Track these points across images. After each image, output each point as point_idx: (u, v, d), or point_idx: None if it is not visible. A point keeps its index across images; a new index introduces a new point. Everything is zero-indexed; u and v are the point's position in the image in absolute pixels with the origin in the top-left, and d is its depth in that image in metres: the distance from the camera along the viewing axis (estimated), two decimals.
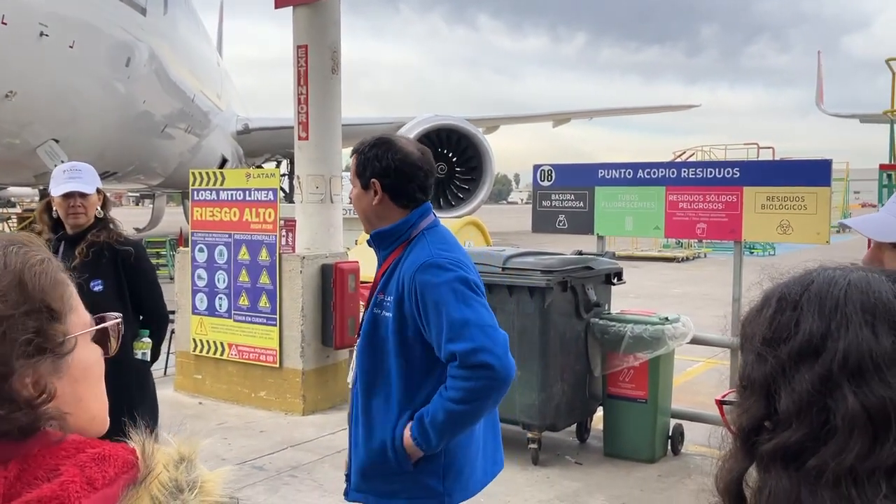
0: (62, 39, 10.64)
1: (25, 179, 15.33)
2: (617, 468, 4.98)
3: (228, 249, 6.52)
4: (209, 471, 0.86)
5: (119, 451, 0.82)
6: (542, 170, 6.24)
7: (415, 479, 2.20)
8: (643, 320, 5.01)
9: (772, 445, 0.72)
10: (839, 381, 0.70)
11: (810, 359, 0.72)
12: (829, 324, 0.72)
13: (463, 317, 2.07)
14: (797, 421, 0.71)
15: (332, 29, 6.86)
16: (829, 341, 0.72)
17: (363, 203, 2.26)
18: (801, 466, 0.70)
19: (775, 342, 0.75)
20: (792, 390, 0.72)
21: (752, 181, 5.30)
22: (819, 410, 0.70)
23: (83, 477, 0.78)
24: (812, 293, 0.75)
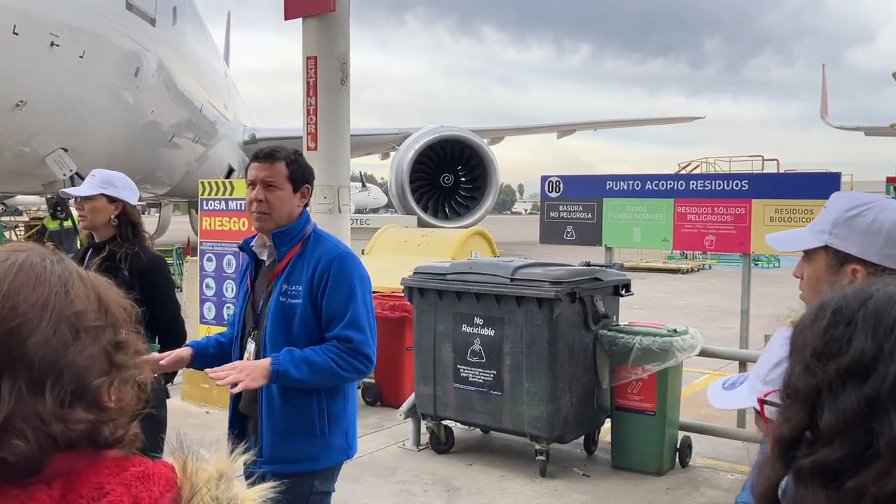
0: (72, 49, 10.71)
1: (34, 188, 15.39)
2: (625, 481, 4.97)
3: (237, 259, 6.54)
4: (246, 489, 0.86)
5: (161, 468, 0.82)
6: (550, 181, 6.25)
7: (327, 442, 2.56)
8: (652, 332, 5.01)
9: (810, 461, 0.72)
10: (886, 406, 0.69)
11: (859, 378, 0.71)
12: (882, 345, 0.71)
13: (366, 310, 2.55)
14: (839, 440, 0.70)
15: (341, 40, 6.90)
16: (880, 363, 0.71)
17: (291, 204, 2.55)
18: (840, 486, 0.70)
19: (826, 356, 0.74)
20: (837, 408, 0.71)
21: (760, 194, 5.31)
22: (863, 432, 0.69)
23: (130, 496, 0.78)
24: (869, 310, 0.74)
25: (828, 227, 1.56)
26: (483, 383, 5.12)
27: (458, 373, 5.23)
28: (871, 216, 1.51)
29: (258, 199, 2.52)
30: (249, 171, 2.57)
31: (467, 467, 5.22)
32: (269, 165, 2.53)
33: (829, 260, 1.56)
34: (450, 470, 5.15)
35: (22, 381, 0.78)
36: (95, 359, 0.84)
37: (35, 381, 0.79)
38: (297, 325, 2.50)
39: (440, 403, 5.35)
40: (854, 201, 1.55)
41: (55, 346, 0.81)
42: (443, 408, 5.36)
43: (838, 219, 1.54)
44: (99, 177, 3.36)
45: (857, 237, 1.51)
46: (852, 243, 1.52)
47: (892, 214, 1.51)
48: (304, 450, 2.53)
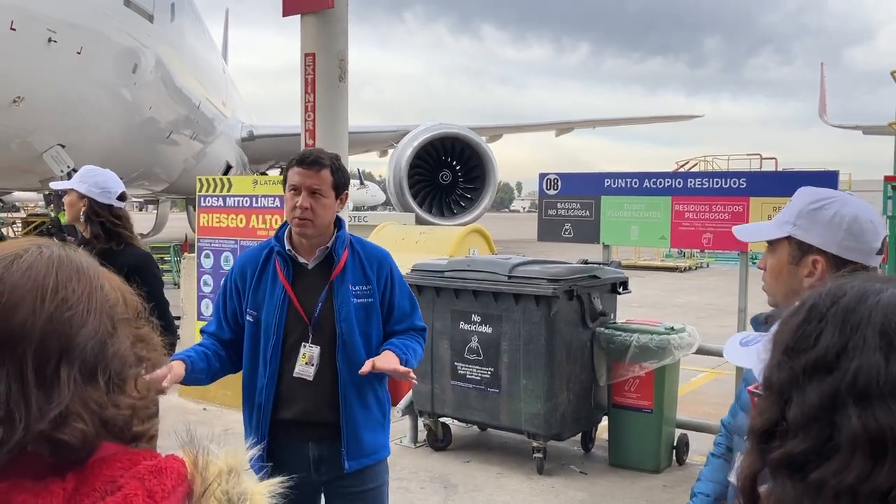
0: (70, 46, 10.68)
1: (31, 184, 15.38)
2: (622, 478, 4.97)
3: (234, 256, 6.53)
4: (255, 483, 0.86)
5: (172, 463, 0.83)
6: (548, 178, 6.25)
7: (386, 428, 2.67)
8: (649, 330, 5.01)
9: (780, 453, 0.74)
10: (846, 401, 0.71)
11: (823, 374, 0.73)
12: (847, 342, 0.73)
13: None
14: (803, 433, 0.73)
15: (339, 37, 6.89)
16: (842, 360, 0.72)
17: (333, 211, 2.55)
18: (805, 478, 0.71)
19: (796, 351, 0.76)
20: (802, 402, 0.73)
21: (758, 192, 5.31)
22: (825, 426, 0.71)
23: (144, 489, 0.78)
24: (839, 307, 0.76)
25: (791, 218, 1.61)
26: (480, 381, 5.12)
27: (455, 370, 5.23)
28: (833, 209, 1.57)
29: (304, 207, 2.46)
30: (292, 176, 2.50)
31: (465, 464, 5.22)
32: (315, 173, 2.49)
33: (792, 250, 1.61)
34: (447, 467, 5.15)
35: (76, 370, 0.81)
36: (128, 350, 0.87)
37: (88, 370, 0.82)
38: (373, 324, 2.56)
39: (438, 401, 5.36)
40: (817, 195, 1.61)
41: (102, 337, 0.84)
42: (440, 405, 5.36)
43: (802, 211, 1.60)
44: (79, 172, 3.42)
45: (819, 229, 1.57)
46: (814, 234, 1.57)
47: (852, 209, 1.57)
48: (379, 439, 2.60)
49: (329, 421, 2.51)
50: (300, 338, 2.50)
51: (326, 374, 2.50)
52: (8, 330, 0.80)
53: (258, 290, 2.55)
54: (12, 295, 0.81)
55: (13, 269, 0.83)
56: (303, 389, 2.50)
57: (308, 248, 2.54)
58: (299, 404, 2.51)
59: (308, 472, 2.51)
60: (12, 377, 0.78)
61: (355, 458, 2.52)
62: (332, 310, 2.50)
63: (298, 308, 2.51)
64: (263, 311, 2.53)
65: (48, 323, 0.81)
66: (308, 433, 2.53)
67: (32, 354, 0.79)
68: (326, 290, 2.51)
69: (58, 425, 0.78)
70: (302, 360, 2.50)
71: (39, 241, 0.90)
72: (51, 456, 0.79)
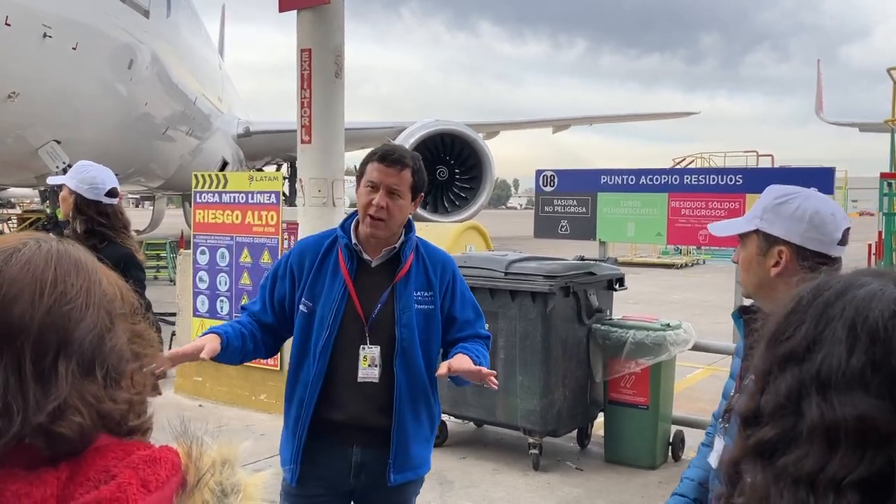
0: (65, 41, 10.65)
1: (27, 180, 15.35)
2: (618, 474, 4.98)
3: (230, 252, 6.52)
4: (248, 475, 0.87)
5: (166, 453, 0.83)
6: (544, 175, 6.25)
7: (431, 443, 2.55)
8: (645, 326, 5.02)
9: (753, 439, 0.76)
10: (810, 391, 0.73)
11: (794, 364, 0.75)
12: (821, 334, 0.75)
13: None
14: (772, 420, 0.75)
15: (336, 33, 6.87)
16: (813, 351, 0.74)
17: (407, 213, 2.44)
18: (773, 464, 0.74)
19: (776, 341, 0.79)
20: (774, 390, 0.76)
21: (754, 188, 5.31)
22: (790, 414, 0.74)
23: (138, 478, 0.79)
24: (821, 300, 0.77)
25: (759, 212, 1.73)
26: None
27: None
28: (796, 203, 1.68)
29: (380, 206, 2.33)
30: (372, 171, 2.36)
31: (460, 461, 5.22)
32: (397, 172, 2.36)
33: (760, 243, 1.72)
34: (443, 463, 5.15)
35: (74, 364, 0.81)
36: (125, 346, 0.88)
37: (86, 364, 0.82)
38: (433, 331, 2.45)
39: None
40: (783, 190, 1.73)
41: (100, 332, 0.85)
42: None
43: (768, 205, 1.71)
44: (73, 167, 3.44)
45: (783, 221, 1.68)
46: (778, 227, 1.68)
47: (814, 203, 1.69)
48: (424, 453, 2.48)
49: (379, 426, 2.38)
50: (355, 337, 2.37)
51: (381, 378, 2.38)
52: (6, 323, 0.80)
53: (317, 281, 2.41)
54: (11, 288, 0.81)
55: (12, 262, 0.83)
56: (354, 391, 2.37)
57: (374, 246, 2.41)
58: (349, 406, 2.38)
59: (346, 476, 2.40)
60: (10, 370, 0.78)
61: (401, 471, 2.40)
62: (393, 313, 2.38)
63: (357, 306, 2.37)
64: (320, 303, 2.38)
65: (46, 316, 0.81)
66: (354, 436, 2.39)
67: (31, 348, 0.80)
68: (389, 293, 2.39)
69: (55, 418, 0.78)
70: (363, 363, 2.37)
71: (37, 236, 0.90)
72: (47, 448, 0.79)
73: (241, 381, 6.41)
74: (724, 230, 1.85)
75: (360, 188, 2.37)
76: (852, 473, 0.68)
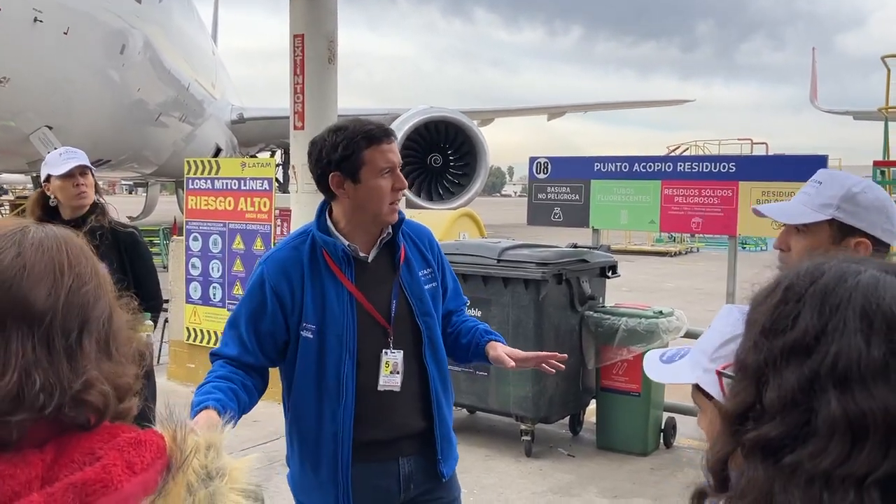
0: (56, 25, 10.57)
1: (18, 167, 15.27)
2: (609, 461, 5.00)
3: (223, 238, 6.51)
4: (234, 459, 0.87)
5: (151, 436, 0.84)
6: (538, 162, 6.24)
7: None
8: (637, 314, 5.03)
9: (753, 436, 0.73)
10: (825, 385, 0.70)
11: (801, 356, 0.72)
12: (827, 324, 0.72)
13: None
14: (780, 416, 0.72)
15: (328, 18, 6.83)
16: (822, 342, 0.71)
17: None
18: (778, 461, 0.71)
19: (773, 333, 0.75)
20: (779, 385, 0.72)
21: (747, 176, 5.31)
22: (803, 410, 0.70)
23: (123, 460, 0.80)
24: (818, 288, 0.74)
25: (834, 201, 1.64)
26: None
27: None
28: (873, 194, 1.64)
29: (403, 188, 2.13)
30: (381, 156, 2.08)
31: None
32: (396, 146, 2.15)
33: (833, 233, 1.64)
34: None
35: (94, 341, 0.86)
36: (126, 325, 0.92)
37: (103, 341, 0.87)
38: (440, 310, 2.27)
39: None
40: (854, 179, 1.67)
41: (111, 312, 0.89)
42: None
43: (845, 195, 1.63)
44: (80, 153, 3.41)
45: (865, 213, 1.61)
46: (861, 218, 1.61)
47: (883, 193, 1.66)
48: (454, 451, 2.34)
49: (420, 430, 2.20)
50: (377, 344, 2.13)
51: (413, 379, 2.16)
52: (34, 303, 0.83)
53: (314, 298, 2.09)
54: (32, 271, 0.84)
55: (25, 245, 0.86)
56: (387, 402, 2.14)
57: (367, 240, 2.16)
58: (385, 421, 2.15)
59: (396, 493, 2.19)
60: (41, 349, 0.82)
61: (447, 461, 2.27)
62: (409, 305, 2.16)
63: (372, 311, 2.12)
64: (327, 323, 2.08)
65: (68, 297, 0.85)
66: (397, 448, 2.18)
67: (59, 327, 0.83)
68: (397, 285, 2.16)
69: (86, 388, 0.83)
70: (385, 370, 2.13)
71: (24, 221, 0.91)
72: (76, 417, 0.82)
73: None
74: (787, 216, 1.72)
75: (371, 177, 2.07)
76: (877, 471, 0.66)
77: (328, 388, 2.10)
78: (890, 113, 14.62)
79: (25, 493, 0.76)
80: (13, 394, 0.79)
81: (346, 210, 2.13)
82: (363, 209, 2.11)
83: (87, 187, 3.29)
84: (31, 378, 0.80)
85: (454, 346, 2.34)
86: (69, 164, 3.25)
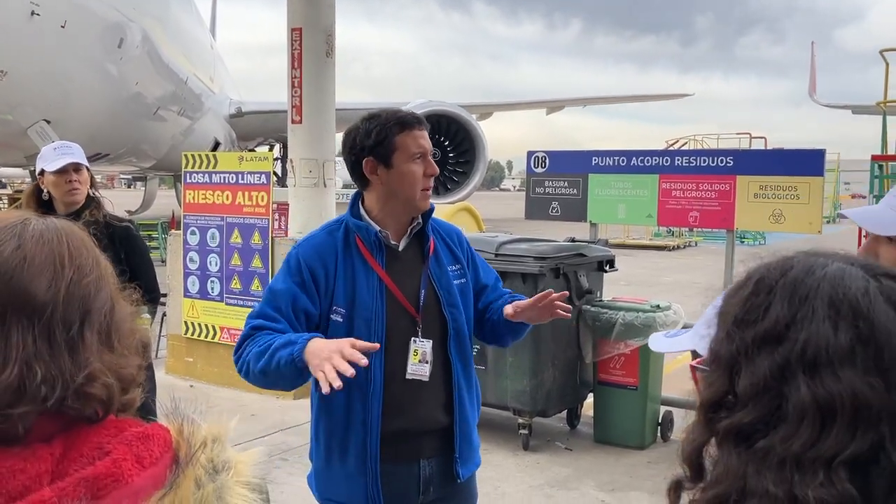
0: (54, 19, 10.54)
1: (16, 160, 15.25)
2: (607, 454, 5.01)
3: (221, 232, 6.50)
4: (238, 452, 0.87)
5: (158, 430, 0.84)
6: (535, 156, 6.23)
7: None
8: (635, 308, 5.03)
9: (727, 424, 0.75)
10: (795, 371, 0.72)
11: (772, 345, 0.74)
12: (796, 313, 0.74)
13: None
14: (752, 403, 0.74)
15: (326, 11, 6.83)
16: (792, 331, 0.73)
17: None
18: (751, 447, 0.73)
19: (744, 324, 0.77)
20: (752, 373, 0.74)
21: (745, 170, 5.31)
22: (774, 396, 0.73)
23: (132, 454, 0.80)
24: (788, 279, 0.77)
25: None
26: None
27: None
28: None
29: (435, 174, 2.14)
30: (413, 141, 2.09)
31: None
32: (427, 135, 2.15)
33: None
34: None
35: (96, 333, 0.85)
36: (128, 316, 0.91)
37: (105, 333, 0.86)
38: (469, 305, 2.26)
39: None
40: None
41: (112, 304, 0.89)
42: None
43: None
44: (76, 148, 3.44)
45: None
46: None
47: None
48: (475, 455, 2.31)
49: (441, 426, 2.18)
50: (405, 332, 2.13)
51: (438, 372, 2.15)
52: (35, 295, 0.82)
53: (346, 282, 2.11)
54: (33, 263, 0.83)
55: (25, 237, 0.85)
56: (411, 392, 2.12)
57: (398, 229, 2.17)
58: (410, 411, 2.13)
59: (415, 495, 2.16)
60: (42, 341, 0.81)
61: (466, 463, 2.23)
62: (436, 296, 2.17)
63: (401, 298, 2.13)
64: (357, 307, 2.09)
65: (69, 289, 0.84)
66: (418, 447, 2.16)
67: (60, 319, 0.83)
68: (425, 275, 2.17)
69: (89, 381, 0.82)
70: (414, 359, 2.12)
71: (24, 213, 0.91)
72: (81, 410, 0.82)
73: (233, 362, 6.40)
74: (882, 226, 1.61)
75: (403, 162, 2.08)
76: (845, 451, 0.68)
77: (357, 374, 2.00)
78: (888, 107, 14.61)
79: (36, 487, 0.76)
80: (14, 386, 0.79)
81: (379, 196, 2.14)
82: (395, 195, 2.12)
83: (81, 184, 3.32)
84: (33, 370, 0.80)
85: (493, 327, 2.32)
86: (62, 161, 3.27)
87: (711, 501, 0.75)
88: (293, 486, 4.45)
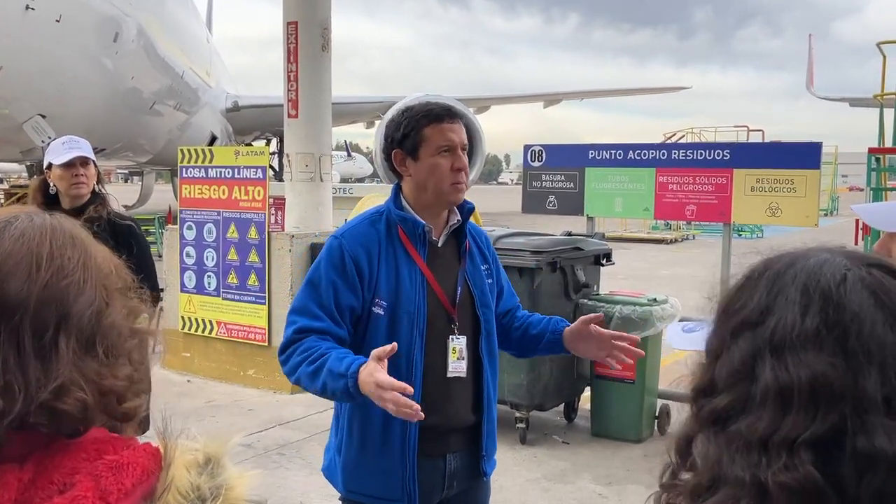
0: (49, 13, 10.50)
1: (12, 155, 15.19)
2: (604, 448, 5.02)
3: (217, 227, 6.49)
4: (238, 473, 0.82)
5: (139, 457, 0.78)
6: (532, 150, 6.22)
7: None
8: (632, 301, 5.03)
9: (706, 410, 0.76)
10: (764, 355, 0.73)
11: (749, 331, 0.75)
12: (774, 301, 0.75)
13: None
14: (727, 388, 0.75)
15: (322, 5, 6.80)
16: (767, 317, 0.75)
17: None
18: (724, 429, 0.74)
19: (729, 313, 0.79)
20: (729, 360, 0.76)
21: (742, 163, 5.30)
22: (745, 380, 0.74)
23: (97, 490, 0.74)
24: (772, 271, 0.78)
25: None
26: None
27: None
28: None
29: (464, 168, 2.10)
30: (440, 134, 2.07)
31: None
32: (461, 127, 2.11)
33: None
34: None
35: (74, 339, 0.79)
36: (123, 322, 0.85)
37: (86, 340, 0.80)
38: (495, 304, 2.27)
39: None
40: None
41: (99, 307, 0.82)
42: None
43: None
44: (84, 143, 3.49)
45: None
46: None
47: None
48: (496, 444, 2.32)
49: (470, 424, 2.20)
50: (442, 329, 2.12)
51: (468, 370, 2.17)
52: (2, 299, 0.77)
53: (389, 274, 2.08)
54: (6, 262, 0.79)
55: (5, 236, 0.81)
56: (444, 389, 2.13)
57: (437, 224, 2.16)
58: (443, 408, 2.13)
59: (439, 490, 2.18)
60: (9, 347, 0.76)
61: (490, 458, 2.26)
62: (471, 295, 2.17)
63: (440, 294, 2.12)
64: (401, 300, 2.07)
65: (44, 291, 0.78)
66: (446, 443, 2.16)
67: (29, 323, 0.77)
68: (462, 273, 2.17)
69: (58, 395, 0.76)
70: (453, 355, 2.13)
71: (27, 210, 0.87)
72: (50, 428, 0.76)
73: (230, 357, 6.41)
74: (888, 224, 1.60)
75: (429, 155, 2.07)
76: (805, 432, 0.69)
77: (398, 368, 2.01)
78: (885, 100, 14.61)
79: None
80: None
81: (411, 189, 2.14)
82: (423, 188, 2.11)
83: (87, 178, 3.32)
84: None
85: (523, 338, 2.31)
86: (70, 154, 3.28)
87: (692, 490, 0.75)
88: (291, 480, 4.45)
